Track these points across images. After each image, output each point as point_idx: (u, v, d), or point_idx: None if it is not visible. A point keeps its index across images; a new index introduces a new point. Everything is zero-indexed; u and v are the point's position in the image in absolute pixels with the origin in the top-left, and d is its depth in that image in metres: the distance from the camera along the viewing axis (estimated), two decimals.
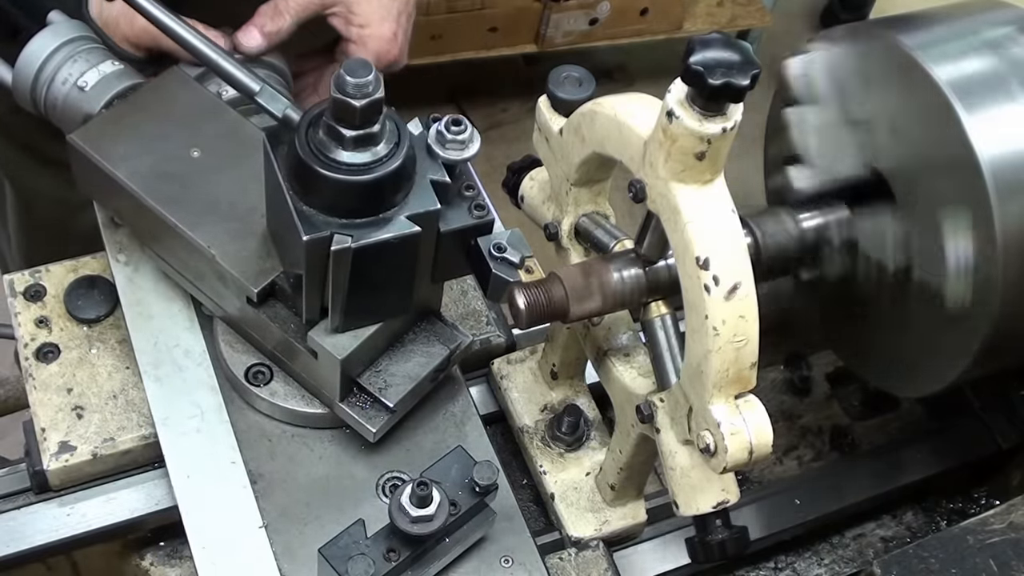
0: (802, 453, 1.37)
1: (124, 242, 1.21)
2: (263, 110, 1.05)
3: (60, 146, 1.13)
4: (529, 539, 1.08)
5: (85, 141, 1.11)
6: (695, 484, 0.96)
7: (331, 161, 0.95)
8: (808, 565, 1.28)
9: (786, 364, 1.41)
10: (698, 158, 0.86)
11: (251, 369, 1.12)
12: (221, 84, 1.16)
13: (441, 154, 0.99)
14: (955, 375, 1.10)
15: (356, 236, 0.95)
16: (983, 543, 1.04)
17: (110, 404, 1.14)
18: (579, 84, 1.05)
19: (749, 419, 0.89)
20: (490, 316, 1.26)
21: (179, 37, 1.09)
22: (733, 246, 0.87)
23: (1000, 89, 1.04)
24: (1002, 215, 1.00)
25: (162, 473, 1.12)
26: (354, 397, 1.09)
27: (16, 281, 1.21)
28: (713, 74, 0.81)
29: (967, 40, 1.08)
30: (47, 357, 1.17)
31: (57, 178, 1.48)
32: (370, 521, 0.99)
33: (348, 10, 1.24)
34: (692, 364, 0.90)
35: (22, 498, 1.14)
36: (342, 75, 0.91)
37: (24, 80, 1.17)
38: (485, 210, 1.02)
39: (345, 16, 1.24)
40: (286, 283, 1.06)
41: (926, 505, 1.34)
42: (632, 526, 1.14)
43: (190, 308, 1.18)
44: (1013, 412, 1.32)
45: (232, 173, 1.11)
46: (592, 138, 0.99)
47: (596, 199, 1.09)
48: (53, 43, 1.17)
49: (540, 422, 1.19)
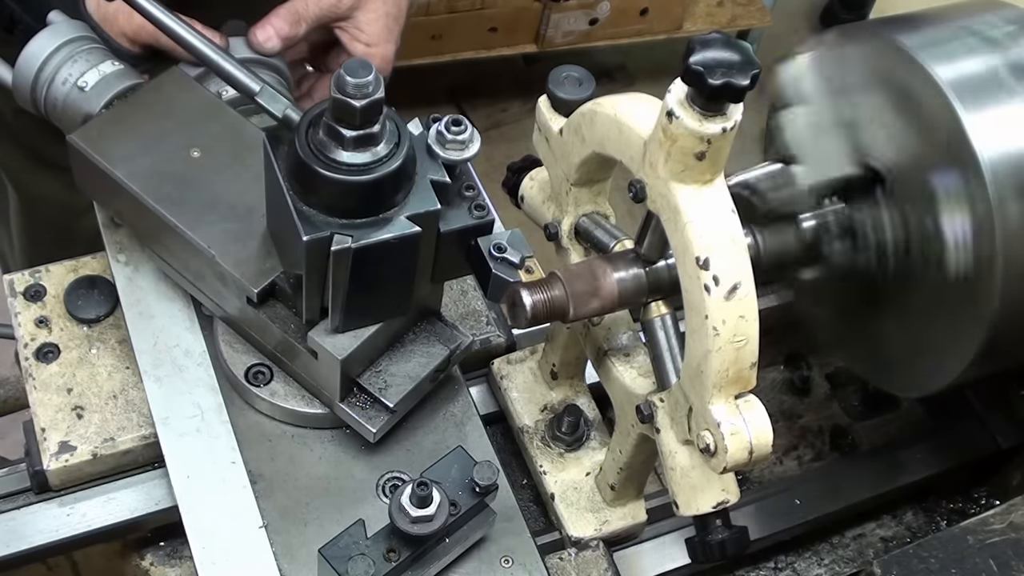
0: (802, 453, 1.37)
1: (124, 242, 1.21)
2: (263, 110, 1.05)
3: (63, 150, 1.13)
4: (529, 539, 1.08)
5: (85, 141, 1.11)
6: (695, 484, 0.96)
7: (331, 161, 0.95)
8: (808, 565, 1.29)
9: (786, 364, 1.41)
10: (698, 158, 0.86)
11: (251, 369, 1.12)
12: (221, 84, 1.15)
13: (441, 154, 0.99)
14: (955, 375, 1.10)
15: (356, 236, 0.95)
16: (983, 543, 1.04)
17: (110, 404, 1.14)
18: (579, 84, 1.05)
19: (749, 419, 0.89)
20: (490, 316, 1.26)
21: (179, 37, 1.09)
22: (733, 246, 0.87)
23: (1000, 89, 1.04)
24: (1002, 215, 1.00)
25: (162, 473, 1.12)
26: (354, 397, 1.09)
27: (16, 281, 1.21)
28: (713, 74, 0.81)
29: (967, 40, 1.08)
30: (47, 357, 1.17)
31: (60, 181, 1.49)
32: (370, 521, 0.99)
33: (357, 27, 1.26)
34: (692, 364, 0.90)
35: (22, 498, 1.14)
36: (342, 75, 0.91)
37: (24, 80, 1.17)
38: (485, 210, 1.02)
39: (353, 32, 1.26)
40: (286, 283, 1.06)
41: (926, 505, 1.35)
42: (632, 526, 1.14)
43: (190, 308, 1.18)
44: (1013, 412, 1.32)
45: (232, 173, 1.11)
46: (592, 138, 0.99)
47: (596, 199, 1.09)
48: (53, 43, 1.17)
49: (540, 422, 1.19)
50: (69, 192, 1.23)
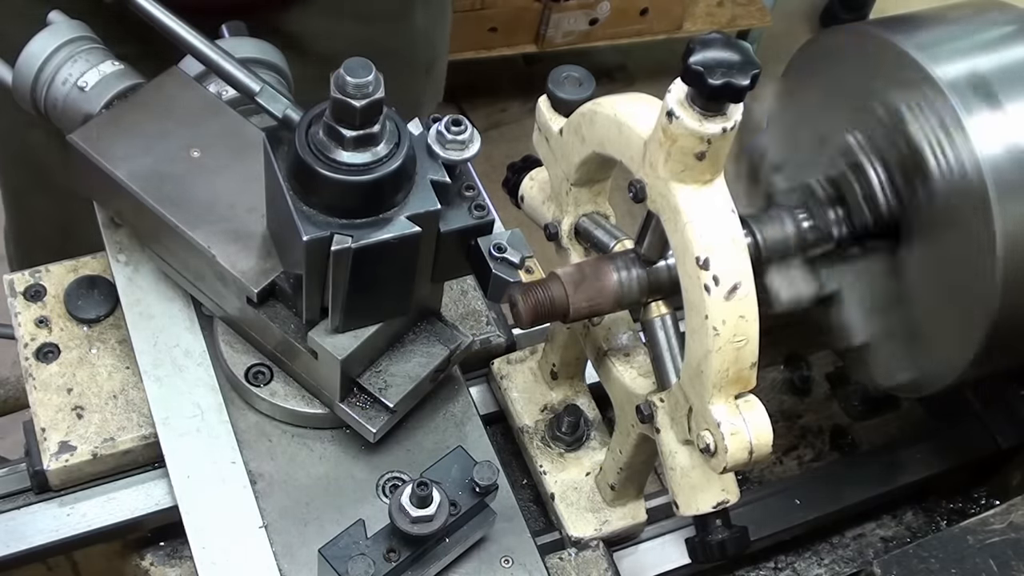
0: (802, 453, 1.37)
1: (124, 242, 1.21)
2: (263, 110, 1.05)
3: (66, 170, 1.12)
4: (529, 539, 1.08)
5: (85, 141, 1.11)
6: (695, 484, 0.96)
7: (331, 161, 0.95)
8: (808, 565, 1.28)
9: (786, 364, 1.41)
10: (698, 158, 0.86)
11: (251, 369, 1.12)
12: (221, 84, 1.16)
13: (441, 154, 0.99)
14: (955, 375, 1.09)
15: (356, 236, 0.95)
16: (983, 543, 1.04)
17: (110, 404, 1.14)
18: (579, 84, 1.05)
19: (749, 419, 0.89)
20: (490, 316, 1.26)
21: (179, 37, 1.09)
22: (733, 246, 0.87)
23: (1000, 89, 1.04)
24: (1002, 215, 1.00)
25: (162, 473, 1.12)
26: (354, 397, 1.09)
27: (16, 281, 1.21)
28: (713, 74, 0.81)
29: (967, 40, 1.08)
30: (47, 357, 1.17)
31: (62, 208, 1.49)
32: (370, 521, 0.99)
33: None
34: (692, 364, 0.90)
35: (22, 498, 1.14)
36: (342, 75, 0.91)
37: (24, 80, 1.17)
38: (485, 210, 1.02)
39: None
40: (286, 283, 1.06)
41: (926, 505, 1.34)
42: (632, 526, 1.14)
43: (190, 308, 1.18)
44: (1013, 412, 1.32)
45: (232, 173, 1.11)
46: (592, 138, 0.99)
47: (596, 199, 1.09)
48: (53, 43, 1.17)
49: (540, 422, 1.20)
50: (67, 214, 1.22)
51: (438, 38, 1.72)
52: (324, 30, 1.48)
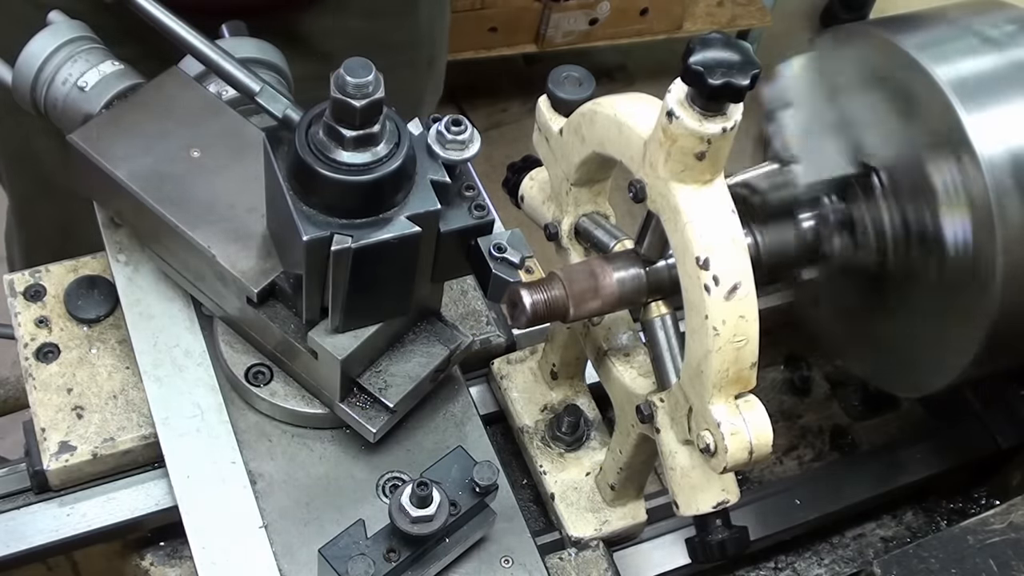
0: (802, 453, 1.37)
1: (124, 242, 1.21)
2: (263, 110, 1.06)
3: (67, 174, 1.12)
4: (529, 539, 1.08)
5: (85, 141, 1.11)
6: (695, 484, 0.96)
7: (331, 161, 0.94)
8: (808, 565, 1.28)
9: (786, 364, 1.41)
10: (698, 158, 0.86)
11: (251, 369, 1.12)
12: (221, 84, 1.16)
13: (441, 154, 0.99)
14: (955, 375, 1.10)
15: (356, 236, 0.95)
16: (983, 543, 1.04)
17: (110, 404, 1.14)
18: (579, 84, 1.05)
19: (749, 419, 0.89)
20: (490, 316, 1.26)
21: (179, 37, 1.09)
22: (733, 246, 0.87)
23: (1000, 89, 1.04)
24: (1002, 215, 1.00)
25: (162, 473, 1.12)
26: (354, 397, 1.09)
27: (16, 281, 1.21)
28: (713, 74, 0.81)
29: (967, 40, 1.08)
30: (47, 357, 1.17)
31: (62, 208, 1.49)
32: (370, 521, 0.99)
33: None
34: (692, 364, 0.90)
35: (22, 498, 1.14)
36: (342, 75, 0.91)
37: (24, 80, 1.17)
38: (485, 210, 1.02)
39: None
40: (286, 283, 1.06)
41: (926, 505, 1.34)
42: (632, 526, 1.14)
43: (190, 308, 1.18)
44: (1013, 412, 1.32)
45: (232, 173, 1.11)
46: (592, 138, 0.99)
47: (596, 199, 1.09)
48: (53, 43, 1.17)
49: (540, 422, 1.19)
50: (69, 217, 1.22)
51: (439, 32, 1.72)
52: (329, 28, 1.48)
